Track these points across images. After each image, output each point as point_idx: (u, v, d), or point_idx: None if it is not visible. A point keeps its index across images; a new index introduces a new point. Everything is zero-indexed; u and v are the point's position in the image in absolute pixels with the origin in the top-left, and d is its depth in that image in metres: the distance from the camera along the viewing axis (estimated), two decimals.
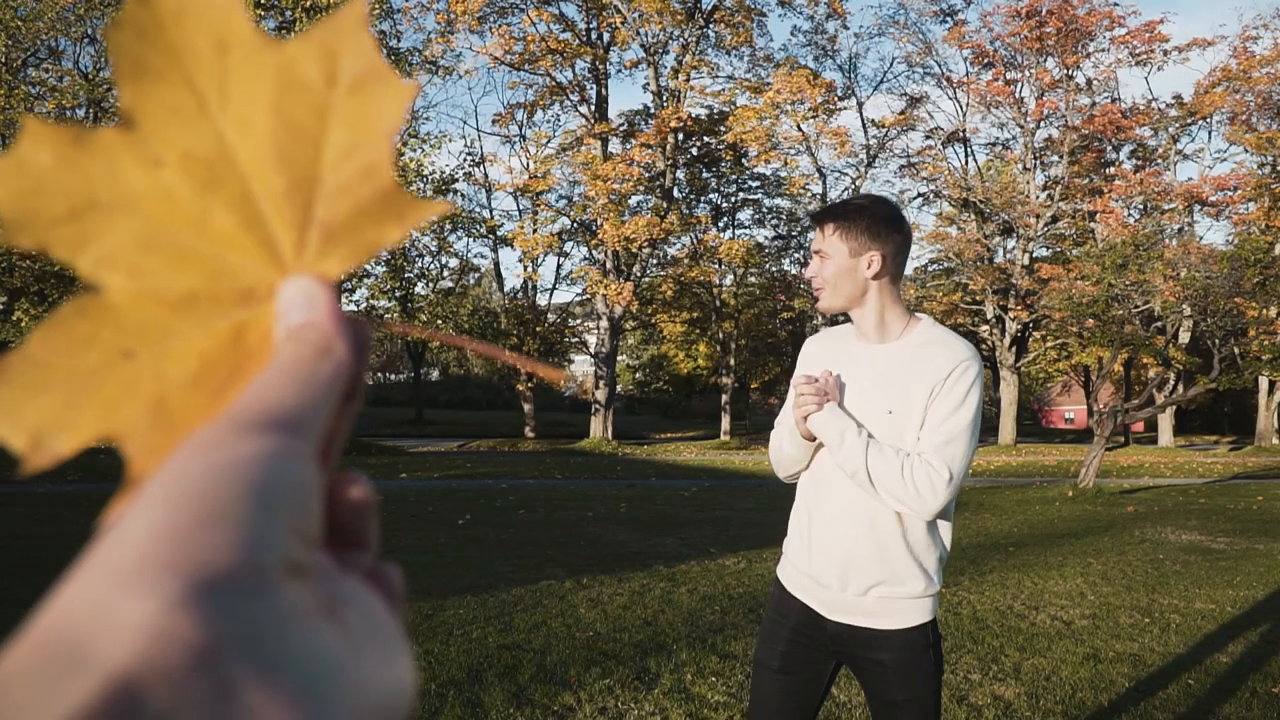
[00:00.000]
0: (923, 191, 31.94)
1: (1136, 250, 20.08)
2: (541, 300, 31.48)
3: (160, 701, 0.17)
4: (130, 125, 0.25)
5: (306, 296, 0.26)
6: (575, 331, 32.10)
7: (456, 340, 0.32)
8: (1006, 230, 30.16)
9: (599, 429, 26.70)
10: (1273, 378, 22.81)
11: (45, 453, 0.25)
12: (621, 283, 25.19)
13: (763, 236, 33.50)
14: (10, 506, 9.41)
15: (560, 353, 32.30)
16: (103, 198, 0.25)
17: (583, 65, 27.46)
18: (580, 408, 42.31)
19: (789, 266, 33.16)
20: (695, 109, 28.09)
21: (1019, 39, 28.24)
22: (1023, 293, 27.88)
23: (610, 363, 27.10)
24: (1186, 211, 29.34)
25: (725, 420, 29.99)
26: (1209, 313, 19.18)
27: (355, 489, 0.26)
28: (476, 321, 23.36)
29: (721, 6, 26.83)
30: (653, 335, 39.98)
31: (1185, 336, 24.35)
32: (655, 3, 24.68)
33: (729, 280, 31.81)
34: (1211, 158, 32.16)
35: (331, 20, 0.26)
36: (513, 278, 50.57)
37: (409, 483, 13.88)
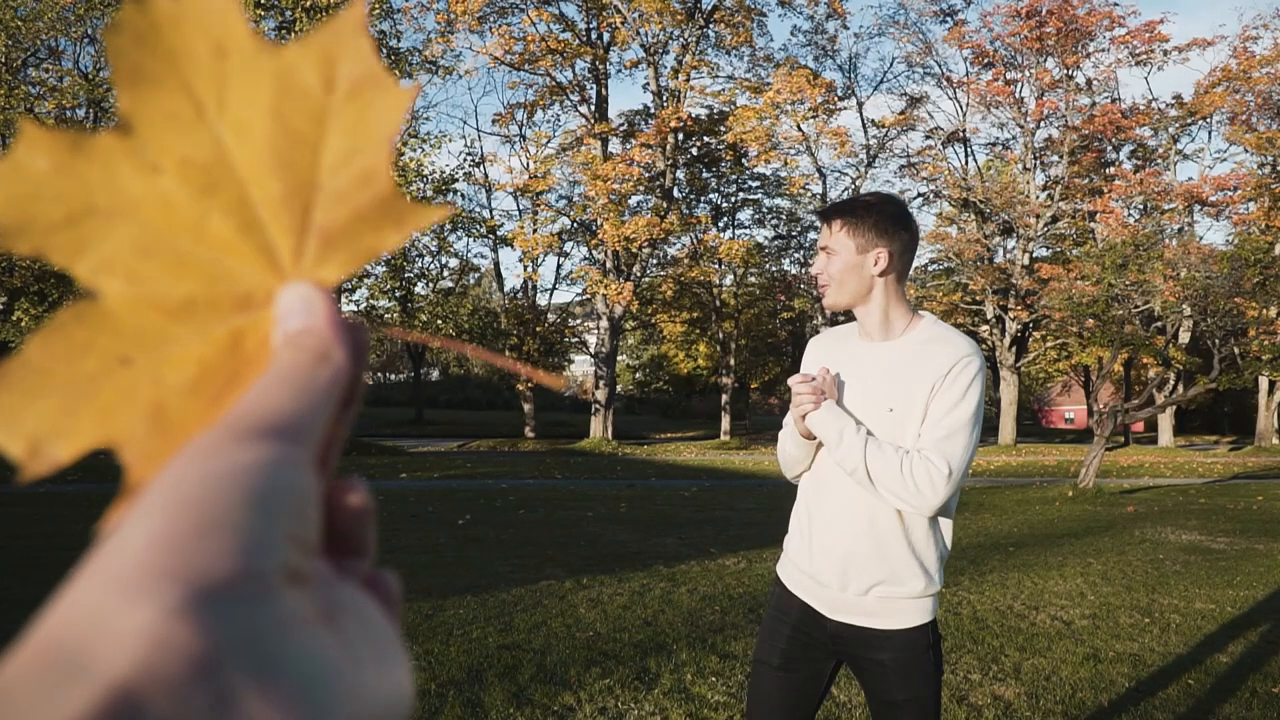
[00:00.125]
0: (923, 191, 31.97)
1: (1136, 250, 20.08)
2: (541, 300, 31.51)
3: (160, 710, 0.17)
4: (128, 130, 0.25)
5: (304, 302, 0.26)
6: (575, 331, 32.10)
7: (457, 345, 0.32)
8: (1006, 230, 30.17)
9: (599, 429, 26.70)
10: (1273, 378, 22.81)
11: (43, 460, 0.25)
12: (621, 283, 25.20)
13: (763, 236, 33.57)
14: (10, 507, 9.41)
15: (560, 353, 32.32)
16: (100, 203, 0.25)
17: (583, 65, 27.48)
18: (580, 408, 42.30)
19: (789, 266, 33.23)
20: (695, 109, 28.15)
21: (1019, 39, 28.25)
22: (1023, 293, 27.88)
23: (610, 363, 27.10)
24: (1186, 211, 29.34)
25: (725, 420, 30.00)
26: (1209, 313, 19.17)
27: (353, 495, 0.25)
28: (476, 321, 23.33)
29: (721, 6, 26.83)
30: (653, 335, 39.99)
31: (1185, 336, 24.35)
32: (655, 3, 24.68)
33: (729, 280, 31.82)
34: (1211, 158, 32.19)
35: (330, 25, 0.26)
36: (513, 278, 50.65)
37: (409, 483, 13.88)
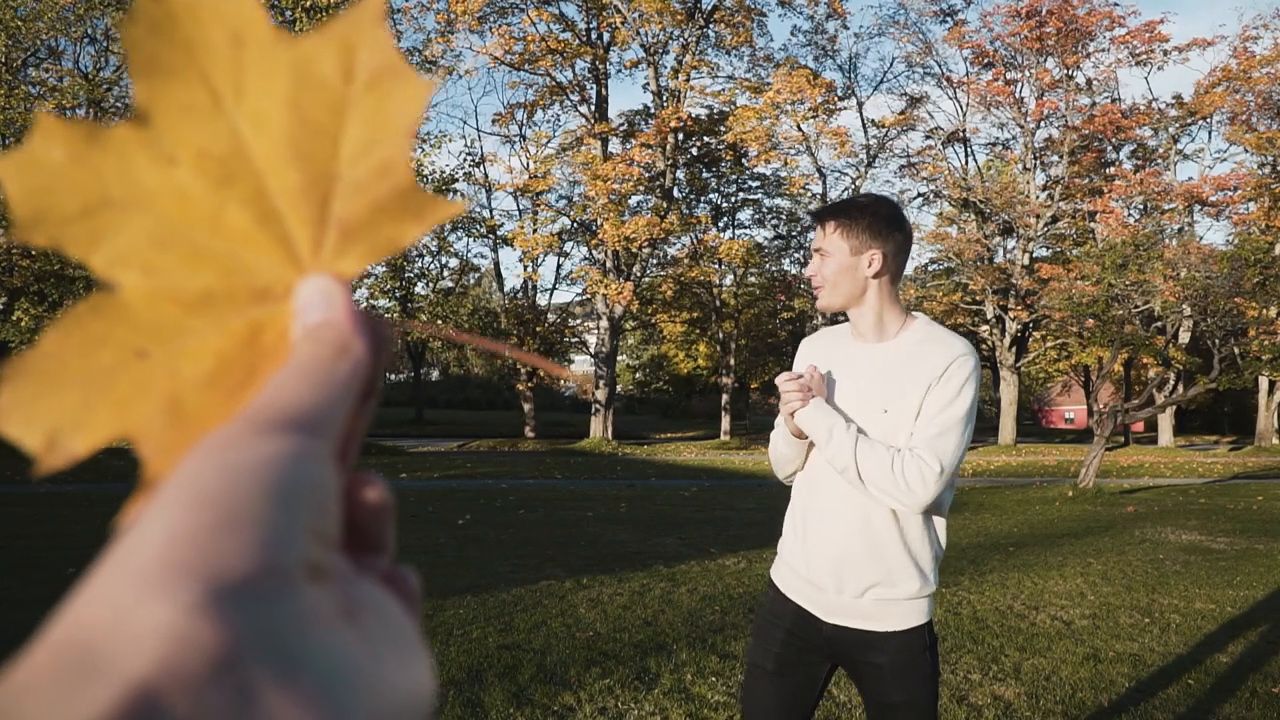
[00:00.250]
0: (923, 191, 31.98)
1: (1136, 250, 20.08)
2: (541, 300, 31.51)
3: (181, 708, 0.16)
4: (144, 122, 0.25)
5: (324, 295, 0.26)
6: (575, 331, 32.10)
7: (467, 338, 0.31)
8: (1006, 230, 30.16)
9: (599, 429, 26.70)
10: (1273, 378, 22.81)
11: (60, 453, 0.24)
12: (621, 283, 25.20)
13: (763, 236, 33.56)
14: (10, 506, 9.41)
15: (560, 353, 32.29)
16: (116, 195, 0.25)
17: (583, 65, 27.47)
18: (580, 408, 42.34)
19: (789, 266, 33.19)
20: (695, 109, 28.15)
21: (1019, 39, 28.24)
22: (1023, 293, 27.87)
23: (610, 363, 27.10)
24: (1186, 211, 29.34)
25: (725, 420, 29.99)
26: (1209, 313, 19.17)
27: (372, 491, 0.25)
28: (476, 321, 23.37)
29: (721, 6, 26.83)
30: (653, 335, 39.99)
31: (1185, 336, 24.35)
32: (655, 3, 24.68)
33: (729, 280, 31.81)
34: (1211, 158, 32.18)
35: (348, 15, 0.26)
36: (513, 278, 50.66)
37: (409, 483, 13.87)
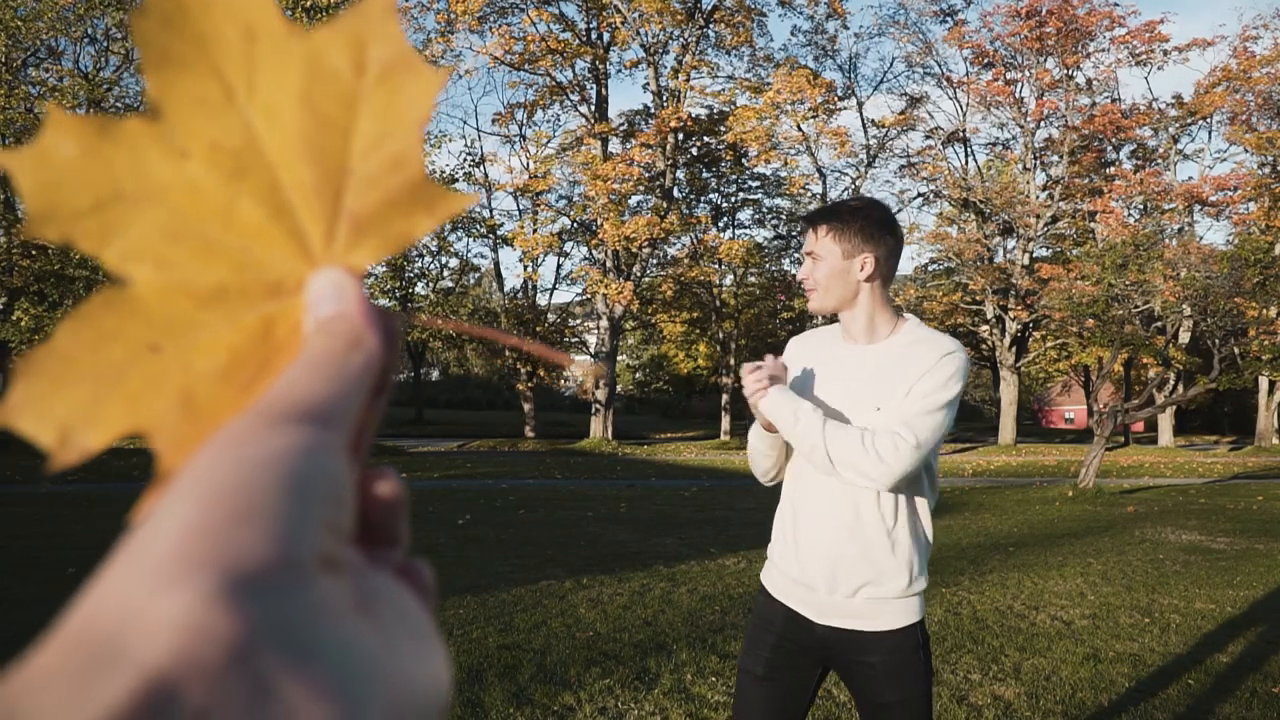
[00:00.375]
0: (923, 191, 31.96)
1: (1136, 250, 20.08)
2: (541, 300, 31.52)
3: (196, 699, 0.16)
4: (156, 115, 0.25)
5: (336, 288, 0.26)
6: (575, 331, 32.11)
7: (476, 330, 0.31)
8: (1006, 230, 30.16)
9: (599, 429, 26.70)
10: (1273, 378, 22.81)
11: (74, 448, 0.24)
12: (621, 282, 25.20)
13: (763, 236, 33.57)
14: (10, 506, 9.40)
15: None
16: (128, 189, 0.25)
17: (583, 65, 27.48)
18: (580, 408, 42.34)
19: (789, 266, 33.20)
20: (695, 109, 28.15)
21: (1019, 39, 28.26)
22: (1023, 293, 27.88)
23: (610, 363, 27.11)
24: (1186, 211, 29.35)
25: (725, 420, 29.97)
26: (1209, 313, 19.18)
27: (385, 484, 0.25)
28: (476, 321, 23.36)
29: (721, 6, 26.83)
30: (653, 335, 40.02)
31: (1185, 336, 24.36)
32: (655, 3, 24.68)
33: (729, 280, 31.83)
34: (1211, 158, 32.20)
35: (360, 8, 0.26)
36: (513, 278, 50.64)
37: (409, 482, 13.81)
